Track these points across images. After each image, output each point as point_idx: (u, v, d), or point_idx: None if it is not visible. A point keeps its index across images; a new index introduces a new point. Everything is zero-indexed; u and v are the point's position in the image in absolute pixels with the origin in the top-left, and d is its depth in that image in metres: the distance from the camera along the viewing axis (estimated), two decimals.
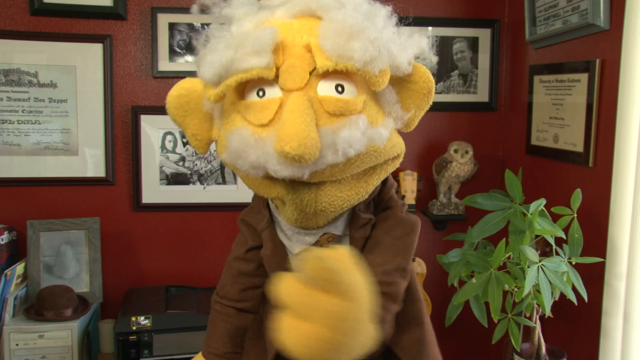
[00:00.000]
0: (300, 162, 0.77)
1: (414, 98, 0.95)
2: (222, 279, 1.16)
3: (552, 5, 1.84)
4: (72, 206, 2.07)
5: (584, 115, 1.71)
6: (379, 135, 0.87)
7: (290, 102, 0.81)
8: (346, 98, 0.84)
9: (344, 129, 0.81)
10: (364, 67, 0.82)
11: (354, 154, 0.83)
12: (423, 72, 0.94)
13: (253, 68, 0.81)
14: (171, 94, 0.95)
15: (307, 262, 0.72)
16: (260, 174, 0.84)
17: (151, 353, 1.78)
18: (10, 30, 1.97)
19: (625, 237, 1.48)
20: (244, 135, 0.83)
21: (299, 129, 0.76)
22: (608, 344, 1.54)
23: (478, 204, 1.60)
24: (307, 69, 0.83)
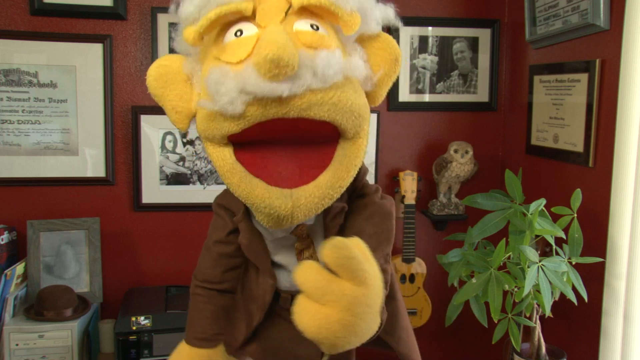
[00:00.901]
0: (279, 68, 0.76)
1: (383, 63, 0.95)
2: (201, 263, 1.18)
3: (552, 5, 1.84)
4: (72, 206, 2.07)
5: (584, 115, 1.71)
6: (355, 66, 0.89)
7: (267, 30, 0.82)
8: (321, 33, 0.86)
9: (322, 52, 0.82)
10: (336, 2, 0.84)
11: (333, 76, 0.82)
12: (390, 40, 0.96)
13: (231, 1, 0.84)
14: (150, 67, 0.96)
15: (326, 250, 0.76)
16: (238, 108, 0.82)
17: (151, 353, 1.78)
18: (10, 30, 1.97)
19: (625, 237, 1.48)
20: (221, 70, 0.83)
21: (278, 36, 0.77)
22: (608, 344, 1.54)
23: (478, 204, 1.60)
24: (283, 9, 0.86)
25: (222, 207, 1.14)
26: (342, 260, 0.75)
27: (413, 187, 2.09)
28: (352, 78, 0.88)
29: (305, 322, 0.77)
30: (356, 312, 0.76)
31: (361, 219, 1.05)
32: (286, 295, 1.12)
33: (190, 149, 2.11)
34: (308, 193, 0.86)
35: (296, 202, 0.85)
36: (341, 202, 1.02)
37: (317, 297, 0.76)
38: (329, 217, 1.02)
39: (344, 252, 0.75)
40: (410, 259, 2.12)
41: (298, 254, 1.06)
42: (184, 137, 2.10)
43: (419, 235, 2.24)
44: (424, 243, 2.28)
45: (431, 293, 2.19)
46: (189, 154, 2.11)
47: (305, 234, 1.04)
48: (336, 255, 0.76)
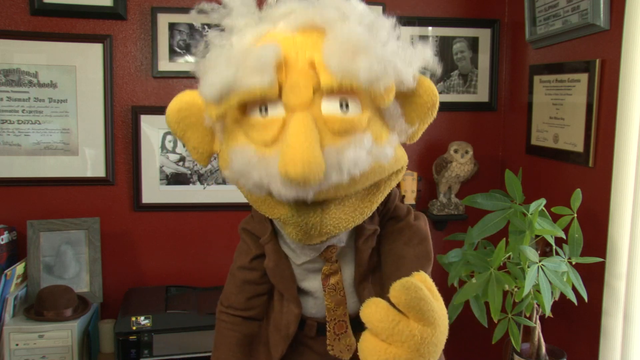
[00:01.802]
0: (304, 185, 0.76)
1: (418, 112, 0.93)
2: (226, 289, 1.15)
3: (552, 5, 1.84)
4: (72, 206, 2.07)
5: (584, 115, 1.71)
6: (384, 154, 0.86)
7: (294, 123, 0.78)
8: (351, 117, 0.82)
9: (349, 149, 0.80)
10: (369, 85, 0.80)
11: (360, 171, 0.81)
12: (428, 86, 0.92)
13: (256, 87, 0.79)
14: (171, 107, 0.93)
15: (396, 291, 0.76)
16: (263, 193, 0.84)
17: (151, 353, 1.78)
18: (10, 30, 1.97)
19: (625, 237, 1.48)
20: (247, 155, 0.82)
21: (304, 152, 0.75)
22: (608, 344, 1.54)
23: (478, 204, 1.60)
24: (310, 86, 0.81)
25: (247, 232, 1.12)
26: (413, 302, 0.75)
27: (413, 187, 2.09)
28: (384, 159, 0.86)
29: (363, 355, 0.78)
30: (423, 352, 0.76)
31: (400, 243, 1.04)
32: (312, 323, 1.10)
33: None
34: (337, 201, 0.85)
35: (326, 209, 0.84)
36: (373, 225, 1.02)
37: (385, 336, 0.76)
38: (361, 240, 1.02)
39: (414, 294, 0.75)
40: None
41: (324, 279, 1.04)
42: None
43: None
44: None
45: None
46: (189, 154, 2.11)
47: (334, 258, 1.03)
48: (406, 297, 0.75)
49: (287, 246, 1.05)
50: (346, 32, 0.81)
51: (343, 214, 0.86)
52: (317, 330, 1.10)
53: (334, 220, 0.86)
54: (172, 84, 2.08)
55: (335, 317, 1.05)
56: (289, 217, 0.85)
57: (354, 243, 1.03)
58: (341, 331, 1.06)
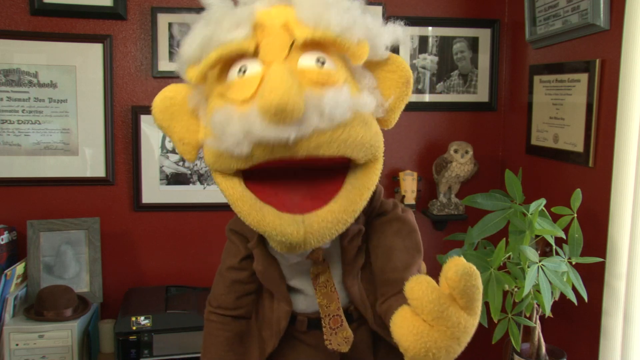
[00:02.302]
0: (284, 115, 0.74)
1: (393, 87, 0.94)
2: (215, 289, 1.15)
3: (552, 5, 1.84)
4: (72, 206, 2.07)
5: (584, 115, 1.71)
6: (363, 103, 0.86)
7: (272, 68, 0.79)
8: (328, 69, 0.84)
9: (329, 93, 0.80)
10: (341, 33, 0.82)
11: (340, 117, 0.80)
12: (400, 62, 0.94)
13: (232, 41, 0.82)
14: (155, 99, 0.94)
15: (454, 274, 0.74)
16: (244, 149, 0.80)
17: (151, 353, 1.78)
18: (10, 30, 1.97)
19: (625, 237, 1.48)
20: (227, 110, 0.82)
21: (282, 81, 0.75)
22: (608, 344, 1.54)
23: (478, 204, 1.60)
24: (287, 44, 0.84)
25: (235, 233, 1.12)
26: (470, 290, 0.74)
27: (413, 187, 2.09)
28: (362, 111, 0.86)
29: (409, 339, 0.76)
30: (462, 341, 0.76)
31: (389, 234, 1.04)
32: (302, 318, 1.10)
33: None
34: (320, 218, 0.84)
35: (308, 227, 0.83)
36: (357, 225, 1.01)
37: (431, 318, 0.75)
38: (346, 240, 1.02)
39: (474, 282, 0.74)
40: None
41: (314, 279, 1.05)
42: None
43: None
44: (424, 243, 2.25)
45: None
46: None
47: (321, 259, 1.03)
48: (466, 283, 0.73)
49: (274, 249, 1.03)
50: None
51: (326, 229, 0.84)
52: (307, 325, 1.11)
53: (318, 236, 0.84)
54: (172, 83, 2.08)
55: (329, 312, 1.06)
56: (274, 235, 0.84)
57: (339, 243, 1.03)
58: (337, 325, 1.06)
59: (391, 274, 1.01)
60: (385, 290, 1.01)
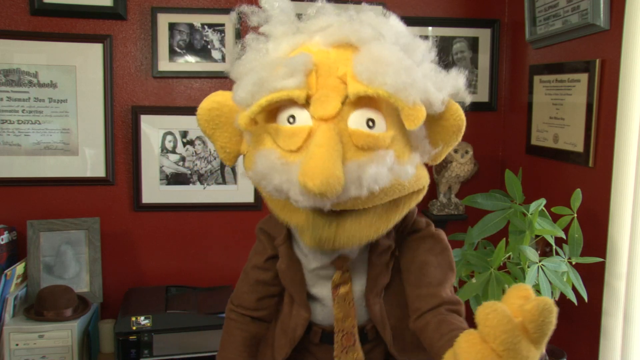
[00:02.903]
0: (322, 197, 0.76)
1: (443, 134, 0.95)
2: (238, 287, 1.15)
3: (552, 5, 1.84)
4: (72, 206, 2.07)
5: (584, 115, 1.71)
6: (405, 172, 0.86)
7: (319, 134, 0.80)
8: (376, 134, 0.83)
9: (371, 165, 0.81)
10: (396, 93, 0.80)
11: (380, 188, 0.82)
12: (455, 110, 0.95)
13: (284, 88, 0.82)
14: (202, 106, 0.94)
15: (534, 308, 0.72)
16: (282, 198, 0.85)
17: (151, 353, 1.78)
18: (10, 30, 1.97)
19: (625, 237, 1.48)
20: (271, 158, 0.83)
21: (325, 165, 0.75)
22: (608, 344, 1.54)
23: (478, 204, 1.60)
24: (339, 99, 0.83)
25: (264, 232, 1.12)
26: (546, 326, 0.72)
27: None
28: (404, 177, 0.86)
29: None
30: None
31: (423, 251, 1.03)
32: (317, 329, 1.09)
33: (190, 149, 2.11)
34: (354, 218, 0.85)
35: (341, 223, 0.85)
36: (388, 241, 1.02)
37: (501, 348, 0.72)
38: (375, 254, 1.02)
39: (550, 319, 0.72)
40: None
41: (334, 289, 1.04)
42: (184, 137, 2.10)
43: None
44: None
45: None
46: (189, 154, 2.11)
47: (345, 268, 1.02)
48: (543, 319, 0.72)
49: (300, 250, 1.05)
50: (379, 48, 0.83)
51: (358, 230, 0.86)
52: (320, 337, 1.09)
53: (348, 236, 0.86)
54: (172, 84, 2.08)
55: (343, 328, 1.04)
56: (305, 227, 0.86)
57: (367, 256, 1.03)
58: (349, 344, 1.05)
59: (425, 289, 1.00)
60: (418, 305, 1.00)
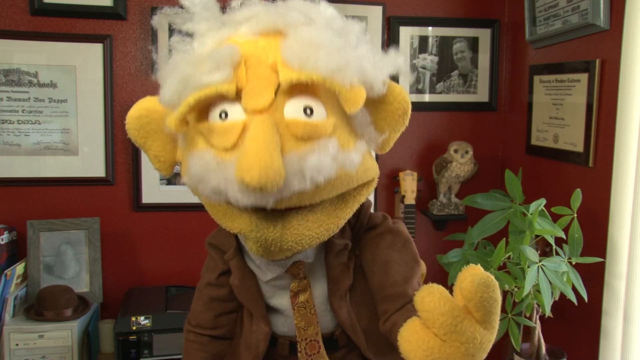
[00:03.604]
0: (262, 192, 0.71)
1: (389, 119, 0.89)
2: (194, 307, 1.11)
3: (552, 5, 1.84)
4: (72, 206, 2.07)
5: (584, 115, 1.71)
6: (350, 161, 0.80)
7: (254, 127, 0.74)
8: (315, 121, 0.77)
9: (312, 155, 0.75)
10: (330, 76, 0.75)
11: (323, 181, 0.76)
12: (398, 92, 0.87)
13: (211, 84, 0.76)
14: (130, 114, 0.88)
15: (471, 285, 0.69)
16: (222, 200, 0.79)
17: (151, 353, 1.78)
18: (10, 30, 1.97)
19: (625, 237, 1.48)
20: (205, 159, 0.77)
21: (261, 158, 0.70)
22: (608, 344, 1.54)
23: (478, 204, 1.60)
24: (272, 89, 0.77)
25: (213, 247, 1.08)
26: (488, 302, 0.68)
27: (413, 187, 2.08)
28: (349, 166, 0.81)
29: (418, 355, 0.72)
30: (477, 358, 0.71)
31: (383, 249, 0.99)
32: (284, 341, 1.05)
33: None
34: (300, 217, 0.80)
35: (287, 224, 0.79)
36: (344, 240, 0.97)
37: (442, 332, 0.70)
38: (331, 256, 0.97)
39: (491, 294, 0.68)
40: None
41: (292, 297, 0.99)
42: None
43: (419, 235, 2.24)
44: (424, 243, 2.28)
45: None
46: None
47: (302, 275, 0.98)
48: (482, 295, 0.68)
49: (252, 262, 1.00)
50: (308, 31, 0.78)
51: (306, 229, 0.81)
52: (289, 349, 1.05)
53: (296, 236, 0.80)
54: None
55: (306, 336, 1.01)
56: (249, 231, 0.81)
57: (323, 259, 0.98)
58: (313, 352, 1.01)
59: (391, 289, 0.95)
60: (386, 307, 0.95)
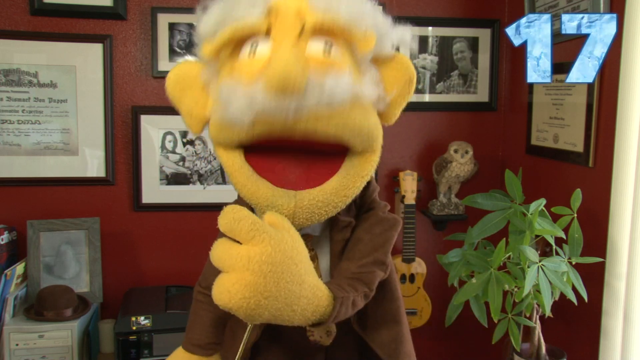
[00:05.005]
0: (286, 86, 0.78)
1: (396, 83, 0.95)
2: (205, 269, 1.18)
3: (552, 5, 1.84)
4: (72, 206, 2.07)
5: (584, 115, 1.71)
6: (365, 90, 0.89)
7: (280, 47, 0.84)
8: (333, 55, 0.87)
9: (331, 74, 0.83)
10: (350, 21, 0.85)
11: (340, 98, 0.83)
12: (405, 61, 0.96)
13: (245, 18, 0.85)
14: (171, 71, 0.98)
15: (219, 219, 0.78)
16: (246, 119, 0.84)
17: (151, 353, 1.78)
18: (10, 30, 1.97)
19: (625, 237, 1.48)
20: (233, 84, 0.86)
21: (288, 56, 0.80)
22: (608, 344, 1.54)
23: (478, 204, 1.60)
24: (297, 27, 0.86)
25: None
26: (233, 223, 0.77)
27: (413, 187, 2.09)
28: (363, 99, 0.89)
29: (214, 292, 0.79)
30: (254, 270, 0.76)
31: (361, 230, 1.04)
32: None
33: (190, 149, 2.11)
34: (312, 196, 0.88)
35: (299, 203, 0.87)
36: (348, 217, 1.03)
37: (221, 266, 0.78)
38: (336, 230, 1.02)
39: (232, 215, 0.77)
40: (410, 259, 2.12)
41: None
42: (184, 137, 2.10)
43: (419, 235, 2.24)
44: (424, 243, 2.28)
45: (431, 293, 2.19)
46: (189, 154, 2.11)
47: (310, 247, 1.02)
48: (226, 220, 0.77)
49: None
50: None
51: (316, 208, 0.88)
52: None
53: (307, 214, 0.88)
54: None
55: None
56: (265, 205, 0.88)
57: (329, 233, 1.04)
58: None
59: (345, 263, 1.00)
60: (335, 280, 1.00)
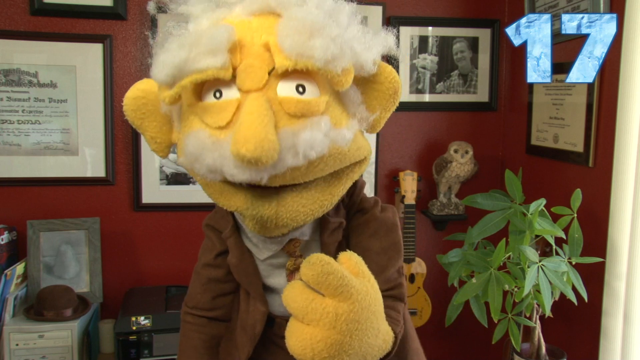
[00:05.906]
0: (257, 165, 0.73)
1: (380, 99, 0.90)
2: (191, 289, 1.12)
3: (552, 5, 1.84)
4: (72, 206, 2.07)
5: (584, 115, 1.71)
6: (342, 137, 0.82)
7: (248, 104, 0.76)
8: (307, 99, 0.79)
9: (305, 131, 0.77)
10: (325, 66, 0.77)
11: (316, 157, 0.78)
12: (389, 72, 0.89)
13: (208, 68, 0.77)
14: (127, 95, 0.90)
15: (304, 268, 0.75)
16: (217, 178, 0.80)
17: (151, 353, 1.78)
18: (10, 30, 1.97)
19: (625, 237, 1.48)
20: (200, 138, 0.79)
21: (256, 130, 0.72)
22: (608, 344, 1.54)
23: (478, 204, 1.60)
24: (265, 68, 0.79)
25: (210, 228, 1.10)
26: (320, 277, 0.74)
27: (413, 187, 2.09)
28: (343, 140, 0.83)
29: (291, 343, 0.76)
30: (342, 329, 0.74)
31: (365, 236, 1.01)
32: (281, 321, 1.05)
33: None
34: (295, 194, 0.82)
35: (282, 201, 0.82)
36: (338, 218, 0.99)
37: (301, 316, 0.75)
38: (326, 234, 0.98)
39: (320, 269, 0.74)
40: (410, 259, 2.12)
41: (289, 275, 1.01)
42: None
43: (419, 235, 2.24)
44: (424, 243, 2.28)
45: (431, 293, 2.19)
46: None
47: (298, 253, 1.00)
48: (313, 272, 0.74)
49: (249, 241, 1.02)
50: (302, 14, 0.79)
51: (300, 206, 0.83)
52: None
53: (291, 213, 0.83)
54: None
55: None
56: (245, 209, 0.82)
57: (319, 237, 0.99)
58: None
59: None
60: None
